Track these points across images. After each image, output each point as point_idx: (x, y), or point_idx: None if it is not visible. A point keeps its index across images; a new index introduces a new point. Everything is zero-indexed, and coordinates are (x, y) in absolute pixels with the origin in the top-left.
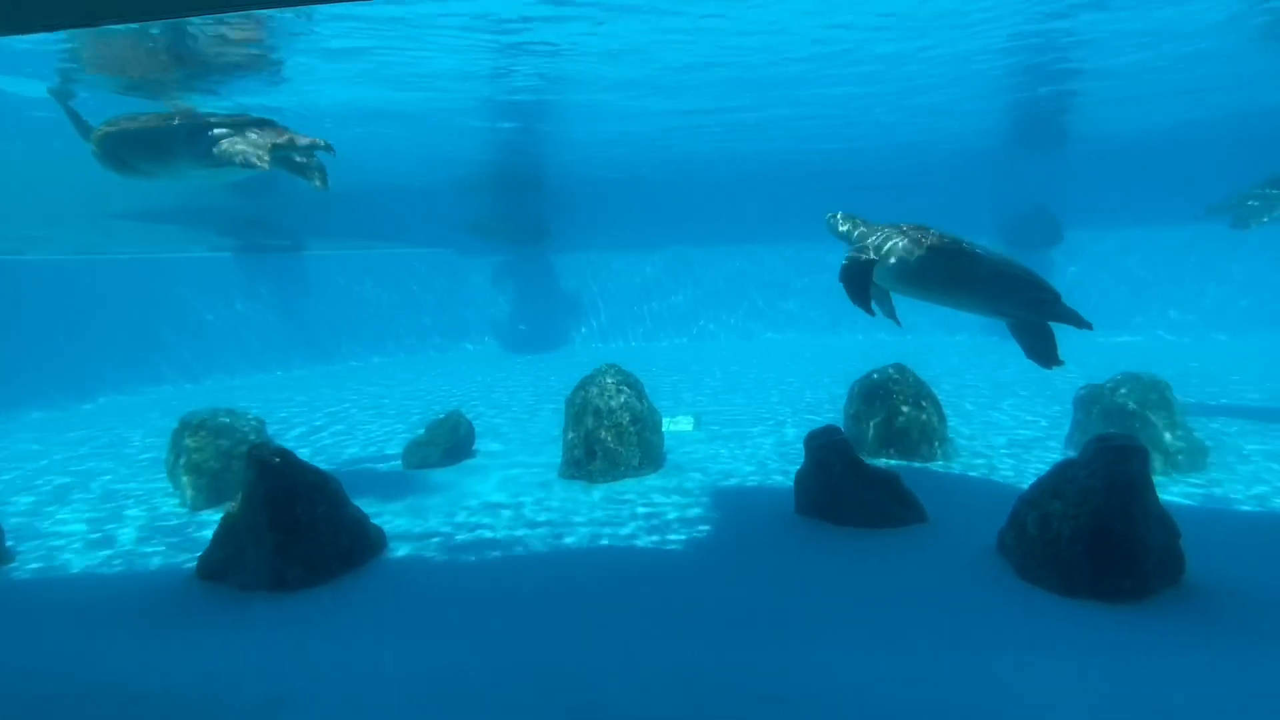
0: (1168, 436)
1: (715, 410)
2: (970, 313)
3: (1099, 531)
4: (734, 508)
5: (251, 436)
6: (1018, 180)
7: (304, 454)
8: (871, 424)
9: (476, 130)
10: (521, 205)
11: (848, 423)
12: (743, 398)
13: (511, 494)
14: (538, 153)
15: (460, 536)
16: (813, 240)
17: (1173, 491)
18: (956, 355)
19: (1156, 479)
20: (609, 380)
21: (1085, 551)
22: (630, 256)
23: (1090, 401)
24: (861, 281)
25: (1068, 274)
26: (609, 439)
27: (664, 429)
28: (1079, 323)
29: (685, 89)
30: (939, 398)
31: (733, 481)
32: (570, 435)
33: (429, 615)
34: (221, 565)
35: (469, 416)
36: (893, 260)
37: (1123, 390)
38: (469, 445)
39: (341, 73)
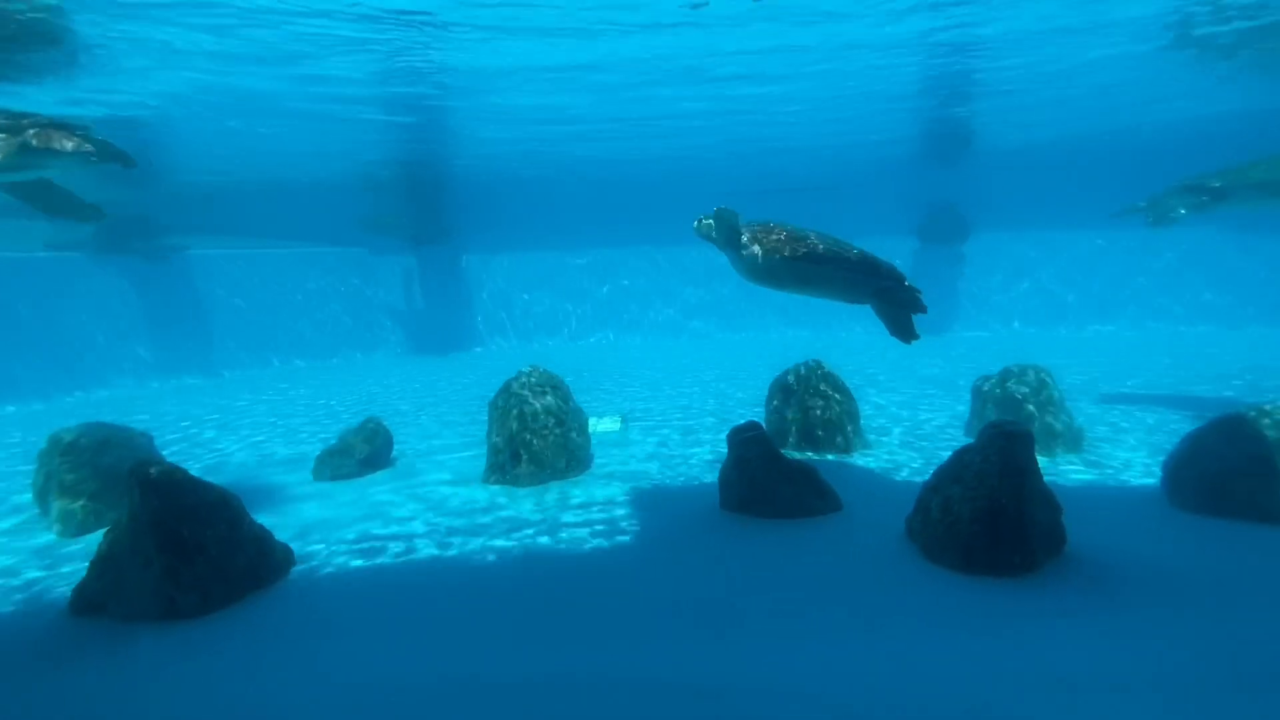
0: (1051, 421)
1: (641, 409)
2: (829, 300)
3: (994, 512)
4: (660, 506)
5: (137, 453)
6: (930, 185)
7: (198, 470)
8: (790, 418)
9: (369, 124)
10: (423, 202)
11: (768, 418)
12: (668, 396)
13: (432, 502)
14: (441, 149)
15: (377, 550)
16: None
17: (1055, 471)
18: (869, 351)
19: (1041, 460)
20: (533, 381)
21: (983, 531)
22: (552, 256)
23: (984, 391)
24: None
25: (974, 270)
26: (534, 441)
27: (590, 429)
28: (917, 307)
29: (592, 89)
30: (853, 392)
31: (659, 480)
32: (494, 439)
33: (341, 637)
34: (100, 595)
35: (386, 422)
36: (749, 262)
37: (1012, 380)
38: (387, 453)
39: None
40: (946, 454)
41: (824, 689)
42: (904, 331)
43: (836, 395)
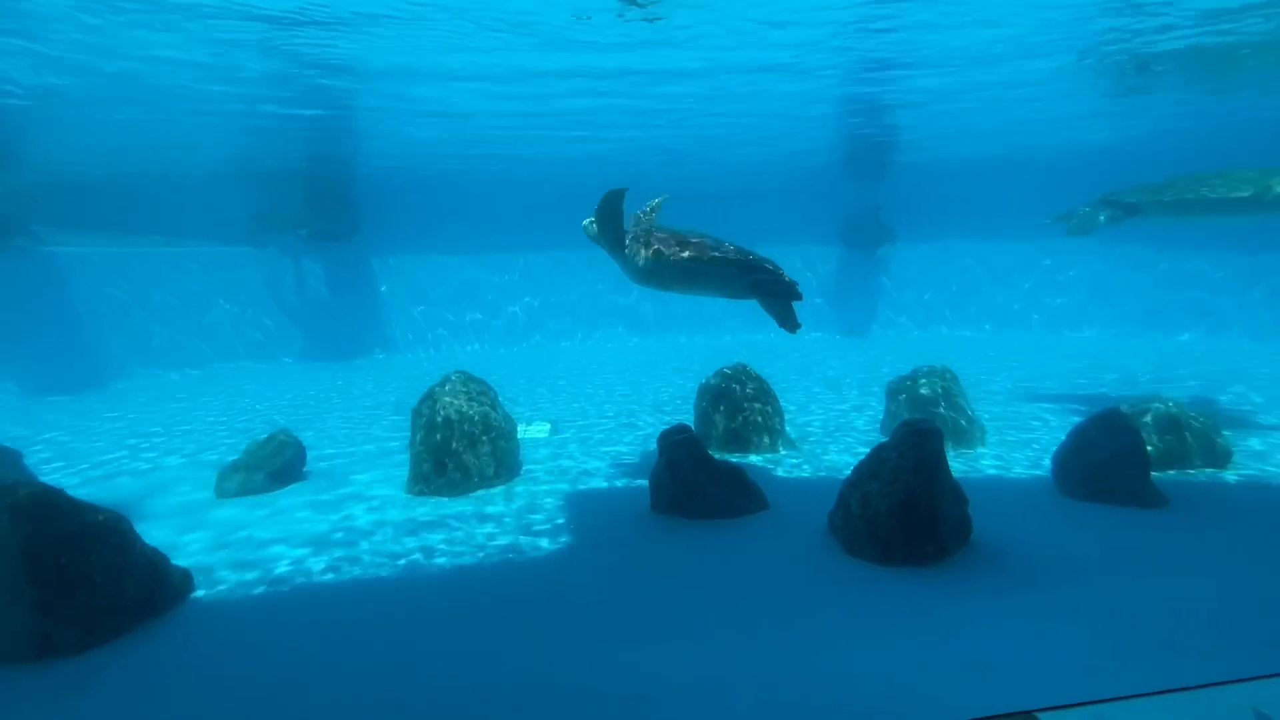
0: (958, 418)
1: (572, 414)
2: (712, 297)
3: (909, 505)
4: (592, 510)
5: (3, 473)
6: (851, 194)
7: (81, 492)
8: (718, 421)
9: (259, 116)
10: (324, 199)
11: (697, 420)
12: (599, 400)
13: (351, 517)
14: (346, 145)
15: (287, 571)
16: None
17: (961, 465)
18: (792, 353)
19: (949, 455)
20: (459, 387)
21: (899, 524)
22: (469, 259)
23: (898, 391)
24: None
25: (896, 276)
26: (461, 450)
27: (519, 436)
28: (793, 295)
29: (500, 92)
30: (778, 394)
31: (591, 484)
32: (418, 448)
33: (244, 670)
34: None
35: (296, 434)
36: (634, 264)
37: (922, 380)
38: (299, 466)
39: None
40: (865, 451)
41: (751, 684)
42: (787, 321)
43: (762, 397)
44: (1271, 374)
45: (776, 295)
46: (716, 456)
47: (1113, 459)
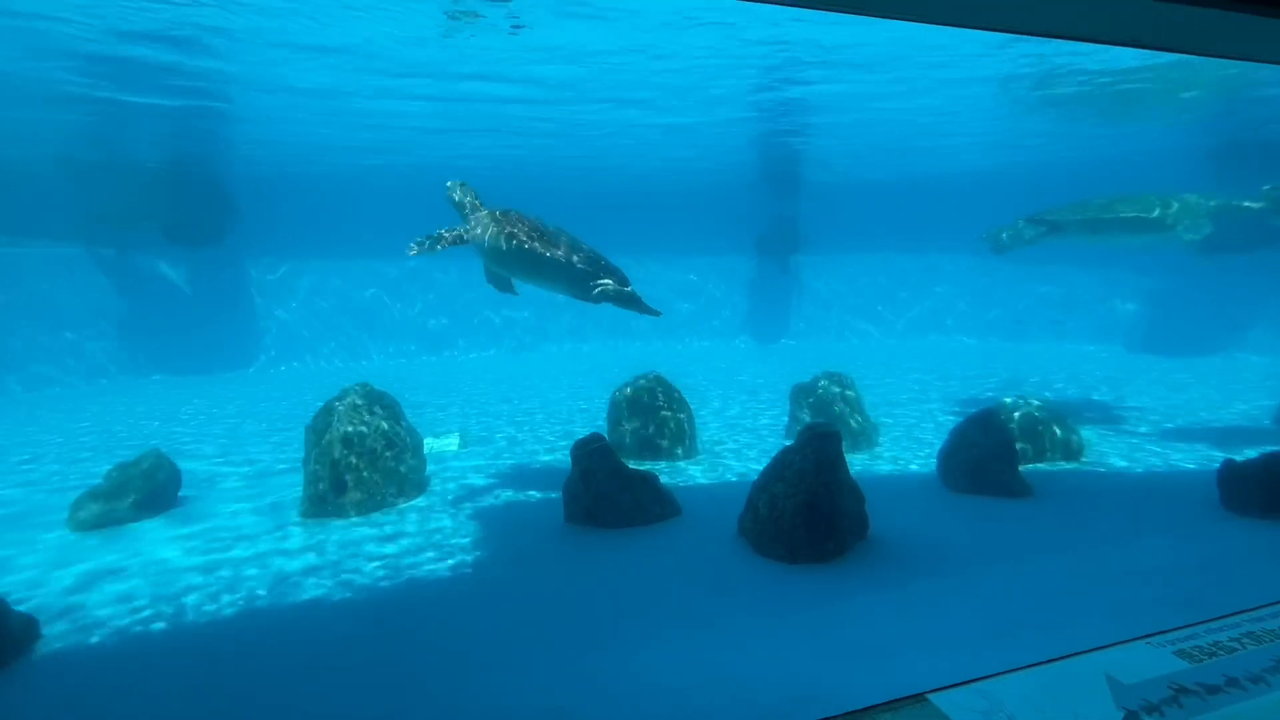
0: (854, 421)
1: (483, 427)
2: (554, 293)
3: (811, 505)
4: (504, 525)
5: None
6: (771, 208)
7: None
8: (631, 429)
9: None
10: (187, 197)
11: (610, 429)
12: (511, 412)
13: (233, 546)
14: (209, 141)
15: (157, 611)
16: None
17: (858, 464)
18: (704, 361)
19: (847, 455)
20: (359, 401)
21: (803, 523)
22: (365, 265)
23: (801, 396)
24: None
25: (811, 286)
26: (362, 467)
27: (426, 450)
28: (641, 308)
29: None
30: (692, 401)
31: (502, 498)
32: (313, 466)
33: None
34: None
35: (171, 455)
36: (485, 243)
37: (823, 386)
38: (173, 491)
39: None
40: (770, 456)
41: (666, 690)
42: (645, 312)
43: (674, 406)
44: (1111, 375)
45: (621, 305)
46: (630, 465)
47: (987, 455)
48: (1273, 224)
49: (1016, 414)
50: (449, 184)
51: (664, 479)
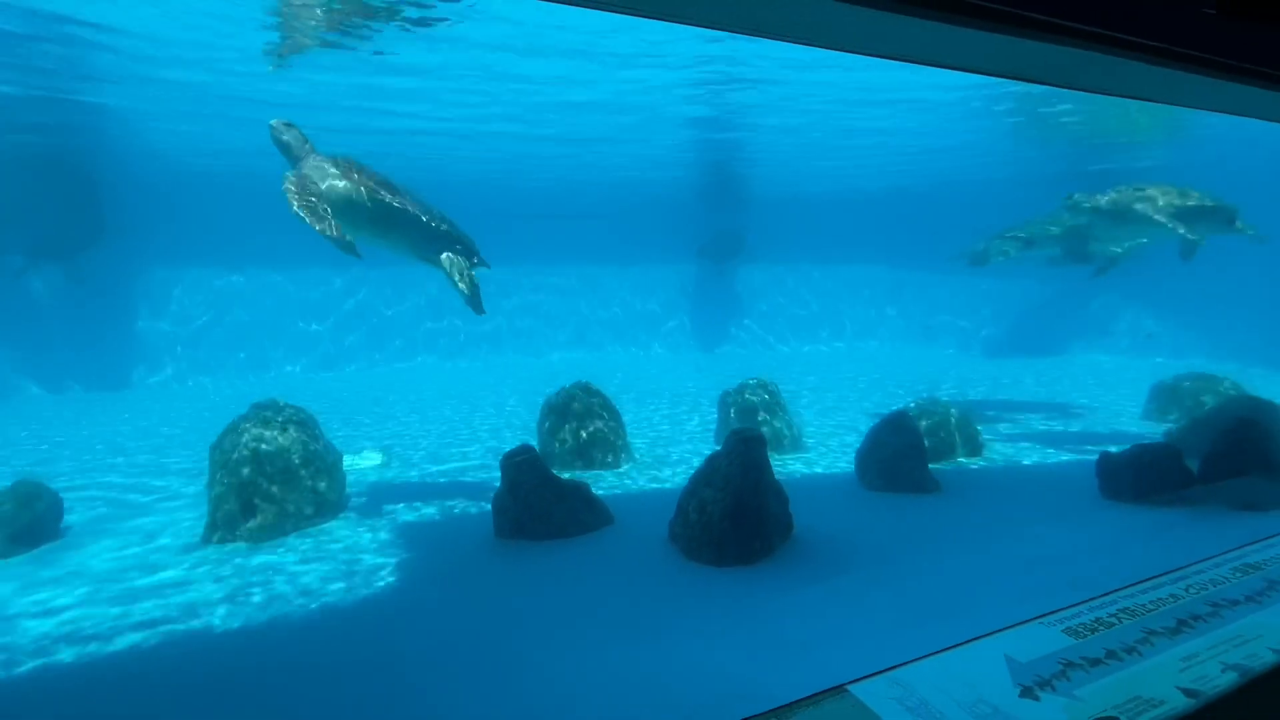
0: (779, 425)
1: (407, 441)
2: (397, 255)
3: (738, 508)
4: (431, 543)
5: None
6: (713, 219)
7: None
8: (561, 439)
9: None
10: (49, 196)
11: (541, 439)
12: (436, 425)
13: (128, 580)
14: (95, 134)
15: (34, 665)
16: (508, 264)
17: (781, 467)
18: (633, 367)
19: (771, 459)
20: (270, 416)
21: (731, 526)
22: (282, 273)
23: (728, 402)
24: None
25: (749, 296)
26: (273, 487)
27: (346, 467)
28: (481, 263)
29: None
30: (623, 409)
31: (429, 515)
32: (219, 489)
33: None
34: None
35: (48, 483)
36: (331, 191)
37: (749, 392)
38: (54, 523)
39: None
40: (700, 461)
41: (599, 699)
42: (474, 303)
43: (604, 414)
44: (993, 376)
45: (459, 281)
46: (562, 475)
47: (898, 454)
48: (1075, 222)
49: (923, 416)
50: (273, 123)
51: (596, 487)
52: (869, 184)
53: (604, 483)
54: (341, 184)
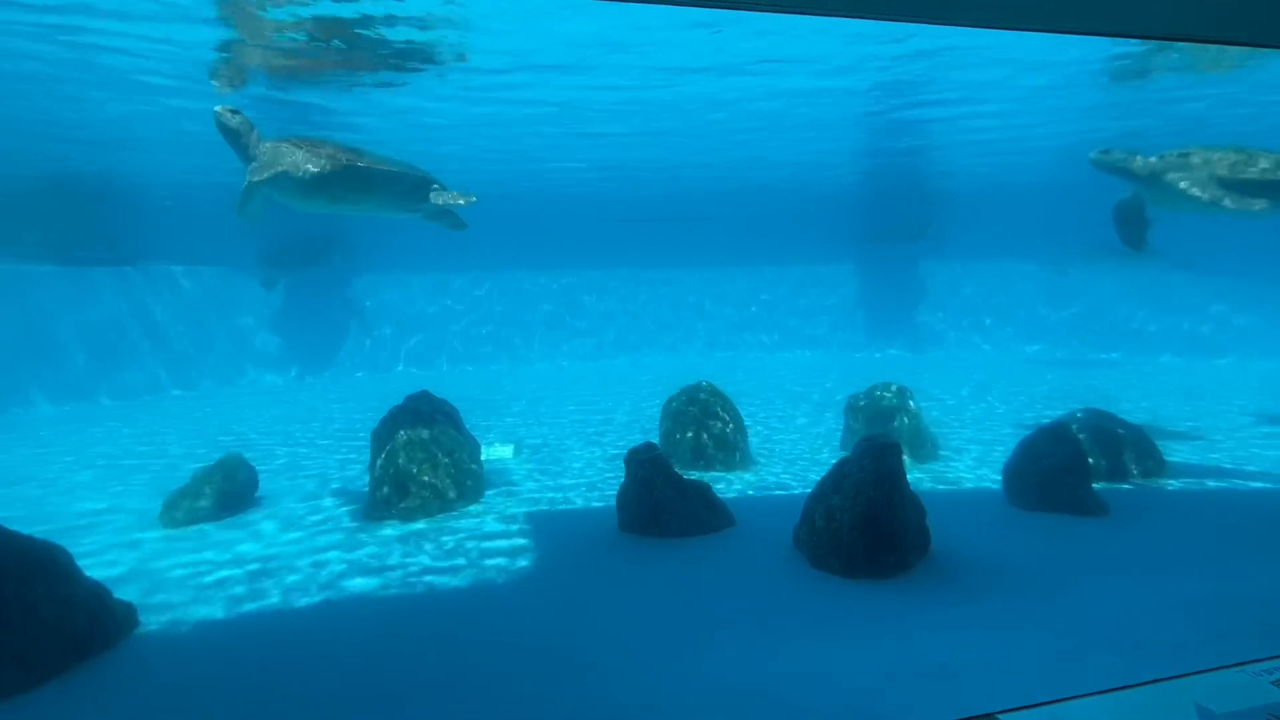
0: (915, 432)
1: (536, 435)
2: (382, 212)
3: (870, 518)
4: (559, 532)
5: None
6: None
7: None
8: (683, 439)
9: None
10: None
11: (662, 439)
12: (562, 421)
13: (305, 545)
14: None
15: (240, 602)
16: (623, 267)
17: (917, 477)
18: (750, 369)
19: (906, 468)
20: (421, 409)
21: (861, 537)
22: (435, 277)
23: (856, 407)
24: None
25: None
26: (423, 473)
27: (483, 457)
28: (457, 199)
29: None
30: (743, 411)
31: (556, 506)
32: (378, 471)
33: (192, 708)
34: None
35: (250, 458)
36: (299, 171)
37: (880, 396)
38: (250, 493)
39: None
40: (825, 467)
41: (722, 701)
42: (456, 226)
43: (726, 415)
44: (1205, 387)
45: (444, 214)
46: (682, 474)
47: (1056, 469)
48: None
49: (1088, 431)
50: (218, 109)
51: (716, 489)
52: (1024, 178)
53: (724, 484)
54: (315, 163)
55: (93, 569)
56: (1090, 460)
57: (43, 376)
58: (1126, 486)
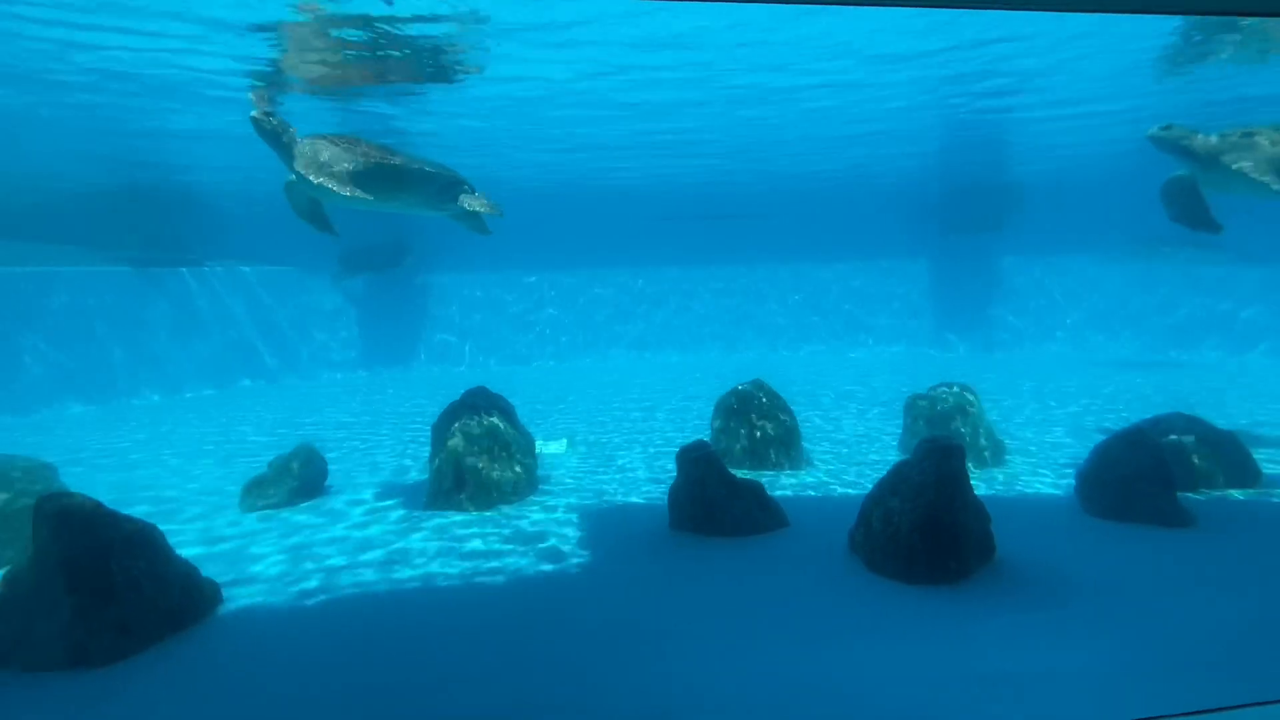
0: (977, 435)
1: (589, 431)
2: (411, 210)
3: (931, 522)
4: (610, 527)
5: (36, 486)
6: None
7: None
8: (736, 437)
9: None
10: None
11: (714, 437)
12: (615, 417)
13: (371, 532)
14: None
15: (310, 584)
16: (662, 265)
17: (982, 482)
18: (804, 367)
19: (970, 473)
20: (477, 403)
21: (921, 541)
22: (499, 276)
23: (916, 408)
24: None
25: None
26: (480, 465)
27: (537, 452)
28: (489, 209)
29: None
30: (794, 410)
31: (608, 501)
32: (437, 463)
33: (273, 680)
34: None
35: (318, 448)
36: (340, 168)
37: (940, 398)
38: (321, 481)
39: None
40: (883, 469)
41: (773, 702)
42: (481, 230)
43: (779, 414)
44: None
45: (470, 216)
46: (735, 473)
47: (1135, 476)
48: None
49: (1169, 436)
50: (253, 114)
51: (769, 488)
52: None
53: (777, 484)
54: (352, 160)
55: (181, 548)
56: (1171, 468)
57: (139, 372)
58: (1214, 496)
